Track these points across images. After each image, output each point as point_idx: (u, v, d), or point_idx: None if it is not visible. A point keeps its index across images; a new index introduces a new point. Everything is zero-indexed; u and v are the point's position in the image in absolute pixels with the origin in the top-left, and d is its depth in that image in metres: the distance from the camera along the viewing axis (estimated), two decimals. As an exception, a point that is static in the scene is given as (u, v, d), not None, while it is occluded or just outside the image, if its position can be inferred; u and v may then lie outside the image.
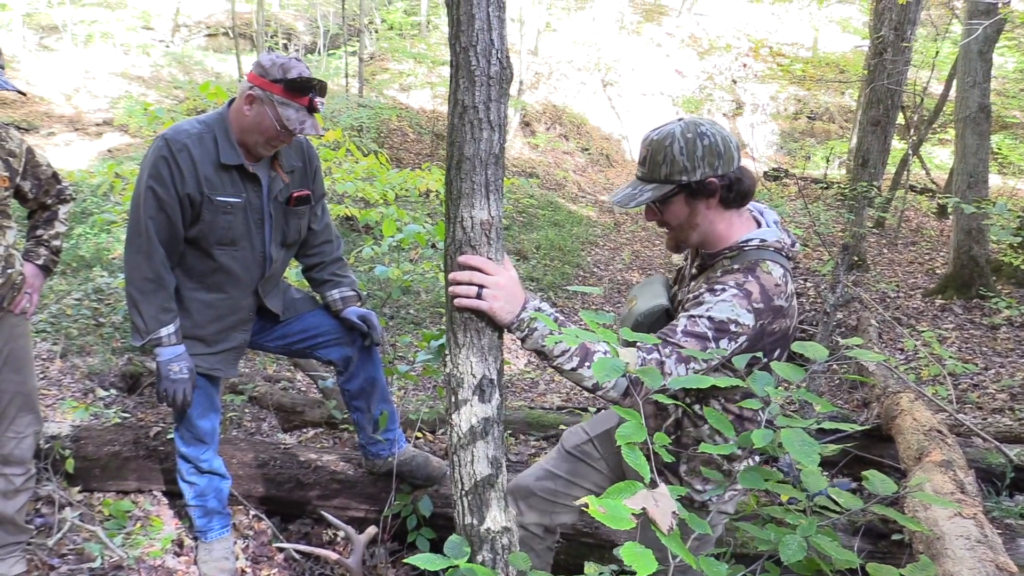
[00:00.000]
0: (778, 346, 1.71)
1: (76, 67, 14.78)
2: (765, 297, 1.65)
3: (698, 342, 1.61)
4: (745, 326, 1.63)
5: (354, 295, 2.83)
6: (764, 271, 1.69)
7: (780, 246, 1.75)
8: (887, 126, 8.93)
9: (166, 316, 2.45)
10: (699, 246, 1.85)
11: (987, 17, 7.23)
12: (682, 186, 1.71)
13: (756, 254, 1.72)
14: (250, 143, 2.42)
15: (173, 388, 2.49)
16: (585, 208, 13.41)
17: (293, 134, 2.38)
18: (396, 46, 18.66)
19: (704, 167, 1.69)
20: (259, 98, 2.36)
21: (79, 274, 6.38)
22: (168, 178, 2.35)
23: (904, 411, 3.45)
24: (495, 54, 1.48)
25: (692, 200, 1.74)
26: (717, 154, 1.69)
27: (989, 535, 2.10)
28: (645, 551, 1.07)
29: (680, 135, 1.70)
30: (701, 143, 1.69)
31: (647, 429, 1.21)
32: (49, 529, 2.92)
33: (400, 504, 2.87)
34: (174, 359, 2.48)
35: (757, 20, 21.69)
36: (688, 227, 1.78)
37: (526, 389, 5.83)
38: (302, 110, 2.37)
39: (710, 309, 1.64)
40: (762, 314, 1.65)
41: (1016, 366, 5.95)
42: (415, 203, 9.38)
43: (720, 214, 1.76)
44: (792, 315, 1.72)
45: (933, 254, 10.00)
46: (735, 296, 1.64)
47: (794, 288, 1.74)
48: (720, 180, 1.70)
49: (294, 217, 2.63)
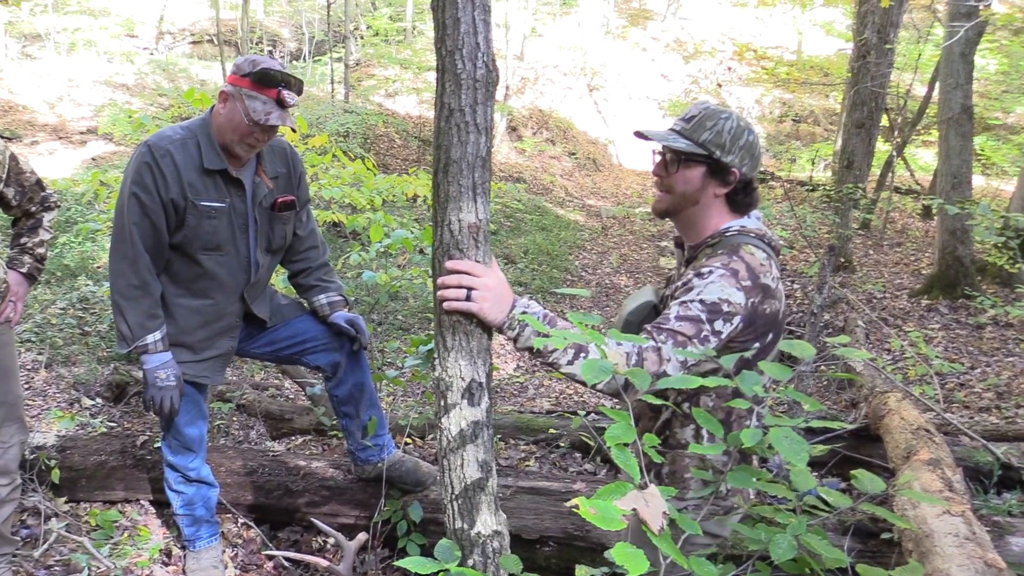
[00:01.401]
0: (770, 330, 1.71)
1: (59, 75, 14.70)
2: (752, 275, 1.66)
3: (692, 325, 1.60)
4: (737, 304, 1.62)
5: (341, 300, 2.83)
6: (747, 252, 1.70)
7: (761, 233, 1.77)
8: (871, 128, 9.00)
9: (152, 323, 2.43)
10: (683, 229, 1.86)
11: (969, 19, 7.30)
12: (711, 160, 1.73)
13: (737, 238, 1.74)
14: (227, 142, 2.41)
15: (160, 396, 2.47)
16: (572, 212, 13.43)
17: (261, 127, 2.36)
18: (382, 52, 18.68)
19: (737, 156, 1.72)
20: (231, 95, 2.37)
21: (64, 283, 6.32)
22: (151, 184, 2.35)
23: (892, 410, 3.47)
24: (481, 57, 1.48)
25: (709, 177, 1.75)
26: (752, 154, 1.75)
27: (977, 532, 2.11)
28: (636, 551, 1.07)
29: (737, 119, 1.74)
30: (747, 136, 1.73)
31: (640, 429, 1.21)
32: (35, 540, 2.89)
33: (390, 510, 2.86)
34: (160, 366, 2.46)
35: (741, 24, 21.83)
36: (688, 199, 1.78)
37: (515, 393, 5.83)
38: (270, 102, 2.35)
39: (700, 292, 1.64)
40: (751, 291, 1.65)
41: (1002, 365, 6.00)
42: (402, 208, 9.37)
43: (720, 206, 1.78)
44: (780, 298, 1.72)
45: (918, 255, 10.07)
46: (722, 276, 1.64)
47: (779, 274, 1.74)
48: (741, 175, 1.74)
49: (279, 223, 2.62)
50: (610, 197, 15.19)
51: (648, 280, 10.17)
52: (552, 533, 2.76)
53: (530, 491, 2.90)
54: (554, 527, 2.77)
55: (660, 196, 1.84)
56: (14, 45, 16.61)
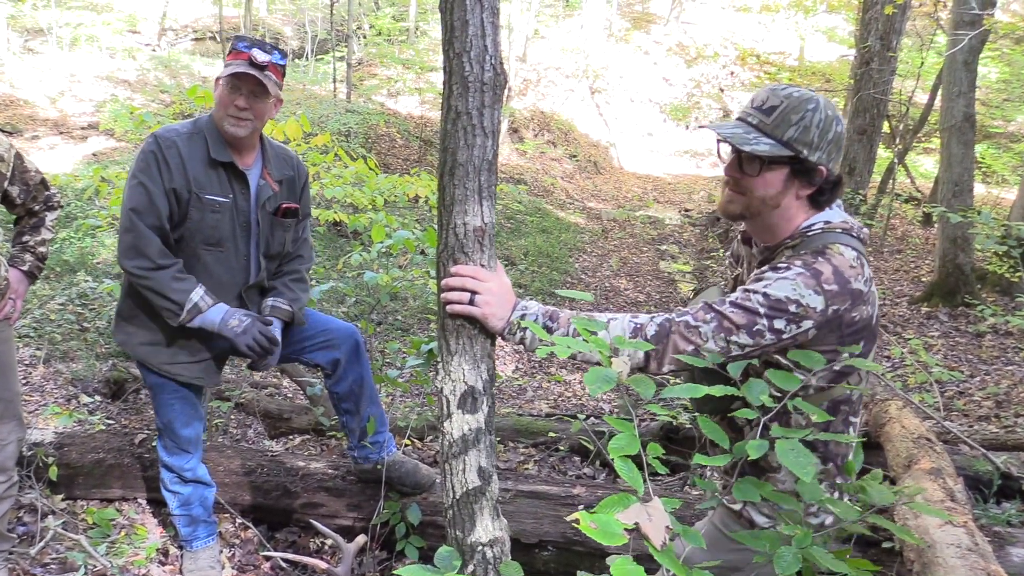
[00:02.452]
0: (861, 337, 1.51)
1: (61, 70, 14.68)
2: (840, 279, 1.47)
3: (746, 315, 1.46)
4: (810, 308, 1.45)
5: (286, 310, 2.64)
6: (836, 252, 1.50)
7: (848, 227, 1.57)
8: (873, 135, 9.00)
9: (188, 283, 2.41)
10: (758, 231, 1.65)
11: (972, 28, 7.30)
12: (798, 159, 1.52)
13: (823, 238, 1.54)
14: (222, 126, 2.43)
15: (249, 340, 2.45)
16: (573, 215, 13.43)
17: (232, 85, 2.38)
18: (384, 52, 18.69)
19: (825, 152, 1.52)
20: (220, 76, 2.42)
21: (63, 279, 6.31)
22: (156, 173, 2.36)
23: (892, 418, 3.45)
24: (488, 60, 1.48)
25: (793, 178, 1.54)
26: (839, 147, 1.54)
27: (980, 543, 2.10)
28: (636, 567, 1.05)
29: (824, 107, 1.51)
30: (836, 128, 1.52)
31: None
32: (32, 538, 2.88)
33: (388, 512, 2.85)
34: (225, 316, 2.45)
35: (744, 29, 21.85)
36: (768, 203, 1.57)
37: (514, 395, 5.82)
38: (242, 63, 2.37)
39: (768, 285, 1.47)
40: (835, 297, 1.46)
41: (1001, 373, 5.99)
42: (403, 209, 9.37)
43: (804, 207, 1.58)
44: (873, 302, 1.53)
45: (918, 262, 10.07)
46: (800, 275, 1.46)
47: (871, 273, 1.54)
48: (828, 173, 1.55)
49: (280, 228, 2.63)
50: (611, 200, 15.19)
51: (647, 283, 10.16)
52: (551, 538, 2.75)
53: (529, 495, 2.88)
54: (553, 531, 2.75)
55: (732, 197, 1.60)
56: (16, 39, 16.60)
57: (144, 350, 2.55)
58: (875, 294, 1.55)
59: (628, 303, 9.29)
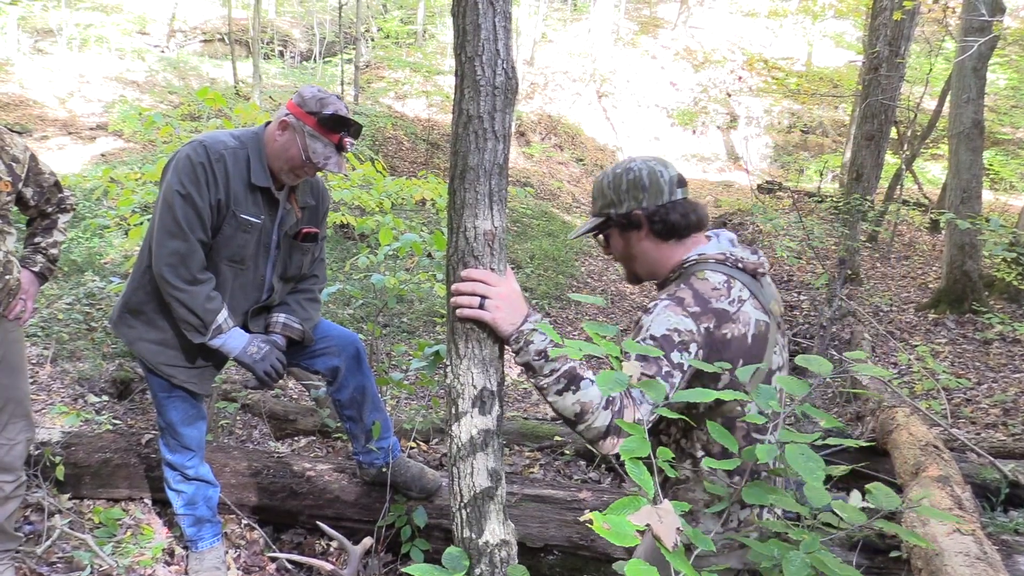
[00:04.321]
0: (740, 357, 1.60)
1: (70, 71, 14.76)
2: (700, 300, 1.59)
3: (652, 364, 1.51)
4: (688, 332, 1.55)
5: (298, 329, 2.67)
6: (699, 278, 1.64)
7: (723, 258, 1.69)
8: (881, 141, 9.00)
9: (216, 303, 2.43)
10: (648, 277, 1.85)
11: (982, 34, 7.29)
12: (612, 219, 1.76)
13: (695, 268, 1.70)
14: (275, 168, 2.45)
15: (267, 366, 2.50)
16: (579, 218, 13.42)
17: (316, 167, 2.40)
18: (392, 55, 18.73)
19: (629, 200, 1.73)
20: (292, 126, 2.39)
21: (71, 278, 6.34)
22: (204, 183, 2.36)
23: (900, 426, 3.45)
24: (500, 64, 1.48)
25: (624, 232, 1.77)
26: (641, 187, 1.71)
27: (988, 551, 2.09)
28: (650, 568, 1.05)
29: (611, 171, 1.77)
30: (626, 178, 1.73)
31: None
32: (38, 537, 2.89)
33: (394, 515, 2.85)
34: (246, 345, 2.49)
35: (752, 34, 21.83)
36: (629, 258, 1.81)
37: (519, 399, 5.82)
38: (330, 146, 2.39)
39: (648, 328, 1.57)
40: (700, 317, 1.57)
41: (1009, 381, 5.97)
42: (411, 212, 9.38)
43: (655, 245, 1.75)
44: (747, 321, 1.62)
45: (926, 268, 10.04)
46: (667, 307, 1.58)
47: (748, 296, 1.64)
48: (644, 212, 1.72)
49: (298, 252, 2.64)
50: (617, 204, 15.14)
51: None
52: (557, 542, 2.75)
53: (535, 499, 2.88)
54: (559, 536, 2.75)
55: (622, 268, 1.90)
56: (26, 40, 16.69)
57: (145, 347, 2.55)
58: (751, 314, 1.63)
59: (635, 307, 9.28)
